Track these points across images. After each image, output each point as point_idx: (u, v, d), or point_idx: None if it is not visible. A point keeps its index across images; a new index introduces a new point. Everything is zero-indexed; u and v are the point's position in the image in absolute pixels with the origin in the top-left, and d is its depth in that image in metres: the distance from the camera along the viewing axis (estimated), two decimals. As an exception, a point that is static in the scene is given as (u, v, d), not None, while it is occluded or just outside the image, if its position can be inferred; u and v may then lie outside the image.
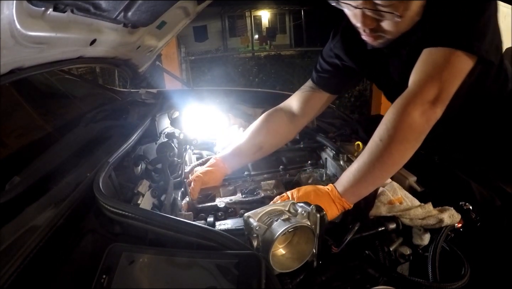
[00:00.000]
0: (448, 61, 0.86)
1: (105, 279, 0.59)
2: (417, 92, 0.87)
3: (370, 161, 0.88)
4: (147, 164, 1.12)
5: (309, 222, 0.74)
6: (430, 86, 0.86)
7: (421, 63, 0.91)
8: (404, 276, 0.78)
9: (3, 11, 0.69)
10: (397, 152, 0.86)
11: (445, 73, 0.86)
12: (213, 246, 0.68)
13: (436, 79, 0.86)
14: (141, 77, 1.85)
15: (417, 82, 0.88)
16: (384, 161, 0.86)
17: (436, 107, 0.85)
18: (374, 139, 0.89)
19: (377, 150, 0.87)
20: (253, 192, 1.13)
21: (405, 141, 0.85)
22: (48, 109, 1.59)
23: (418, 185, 1.07)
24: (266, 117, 1.30)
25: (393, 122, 0.86)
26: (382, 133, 0.87)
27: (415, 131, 0.85)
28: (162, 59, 5.01)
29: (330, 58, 1.26)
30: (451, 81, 0.87)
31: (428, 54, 0.90)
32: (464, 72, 0.88)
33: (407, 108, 0.85)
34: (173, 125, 1.41)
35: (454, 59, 0.86)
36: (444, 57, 0.87)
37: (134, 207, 0.82)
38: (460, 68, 0.87)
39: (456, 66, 0.87)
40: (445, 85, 0.86)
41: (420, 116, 0.84)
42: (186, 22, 1.71)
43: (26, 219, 0.81)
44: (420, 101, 0.85)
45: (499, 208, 0.94)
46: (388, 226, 0.85)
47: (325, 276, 0.78)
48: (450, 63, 0.86)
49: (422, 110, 0.84)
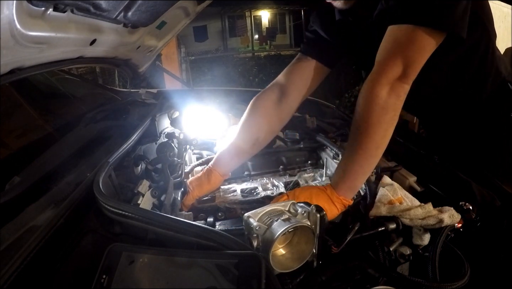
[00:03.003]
0: (410, 39, 0.85)
1: (105, 279, 0.59)
2: (381, 72, 0.86)
3: (354, 151, 0.88)
4: (147, 164, 1.12)
5: (309, 222, 0.74)
6: (394, 64, 0.85)
7: (384, 42, 0.90)
8: (404, 276, 0.78)
9: (3, 11, 0.69)
10: (376, 134, 0.86)
11: (408, 50, 0.85)
12: (213, 246, 0.68)
13: (399, 57, 0.85)
14: (141, 77, 1.85)
15: (381, 62, 0.88)
16: (367, 147, 0.87)
17: (402, 82, 0.85)
18: (352, 129, 0.90)
19: (358, 138, 0.87)
20: (253, 192, 1.13)
21: (382, 122, 0.85)
22: (48, 109, 1.59)
23: (418, 185, 1.07)
24: (253, 104, 1.20)
25: (365, 107, 0.86)
26: (357, 121, 0.88)
27: (388, 110, 0.85)
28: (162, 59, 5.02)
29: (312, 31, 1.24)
30: (416, 57, 0.85)
31: (391, 32, 0.89)
32: (430, 46, 0.86)
33: (374, 89, 0.85)
34: (173, 125, 1.41)
35: (416, 36, 0.84)
36: (406, 35, 0.85)
37: (134, 207, 0.82)
38: (424, 44, 0.85)
39: (420, 42, 0.85)
40: (410, 61, 0.85)
41: (389, 95, 0.84)
42: (186, 22, 1.71)
43: (26, 219, 0.81)
44: (385, 80, 0.85)
45: (499, 208, 0.94)
46: (388, 226, 0.85)
47: (325, 276, 0.78)
48: (412, 40, 0.85)
49: (389, 88, 0.84)
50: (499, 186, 0.99)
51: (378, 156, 0.90)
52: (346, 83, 7.11)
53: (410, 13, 0.85)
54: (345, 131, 1.44)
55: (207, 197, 1.14)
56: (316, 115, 1.60)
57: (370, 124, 0.86)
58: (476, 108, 1.17)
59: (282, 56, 13.13)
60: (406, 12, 0.86)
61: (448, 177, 1.07)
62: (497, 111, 1.16)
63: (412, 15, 0.85)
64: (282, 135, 1.47)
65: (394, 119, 0.87)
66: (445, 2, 0.84)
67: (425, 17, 0.84)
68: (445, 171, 1.09)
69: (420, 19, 0.84)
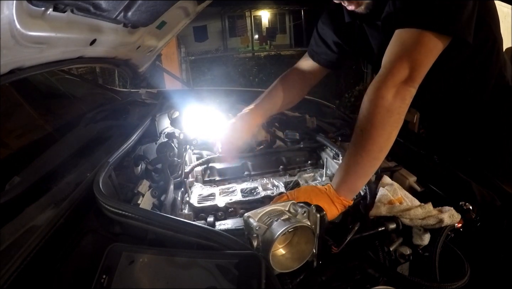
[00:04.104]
0: (417, 42, 0.86)
1: (105, 279, 0.59)
2: (387, 74, 0.86)
3: (357, 153, 0.88)
4: (147, 164, 1.12)
5: (309, 222, 0.74)
6: (400, 67, 0.85)
7: (391, 45, 0.90)
8: (404, 276, 0.78)
9: (3, 11, 0.68)
10: (380, 137, 0.85)
11: (415, 53, 0.86)
12: (213, 246, 0.68)
13: (405, 60, 0.85)
14: (141, 77, 1.85)
15: (388, 64, 0.88)
16: (370, 149, 0.86)
17: (409, 86, 0.85)
18: (356, 130, 0.89)
19: (361, 140, 0.87)
20: (253, 192, 1.13)
21: (386, 125, 0.85)
22: (48, 109, 1.59)
23: (418, 185, 1.07)
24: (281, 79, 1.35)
25: (369, 109, 0.86)
26: (362, 122, 0.88)
27: (393, 113, 0.85)
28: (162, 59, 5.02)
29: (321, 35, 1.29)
30: (422, 60, 0.86)
31: (398, 36, 0.89)
32: (436, 50, 0.87)
33: (380, 92, 0.85)
34: (173, 125, 1.41)
35: (423, 39, 0.85)
36: (413, 38, 0.86)
37: (134, 207, 0.82)
38: (431, 48, 0.86)
39: (426, 46, 0.86)
40: (416, 64, 0.85)
41: (394, 98, 0.84)
42: (186, 22, 1.71)
43: (26, 219, 0.81)
44: (391, 83, 0.85)
45: (499, 208, 0.94)
46: (388, 226, 0.85)
47: (325, 276, 0.78)
48: (419, 44, 0.86)
49: (395, 91, 0.84)
50: (499, 186, 0.99)
51: (381, 158, 0.89)
52: (346, 83, 7.11)
53: (417, 17, 0.86)
54: (345, 131, 1.44)
55: (208, 196, 1.13)
56: (316, 115, 1.61)
57: (375, 126, 0.85)
58: (477, 108, 1.17)
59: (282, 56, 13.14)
60: (413, 16, 0.87)
61: (448, 177, 1.07)
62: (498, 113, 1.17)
63: (419, 19, 0.86)
64: (282, 135, 1.48)
65: (399, 122, 0.87)
66: (452, 6, 0.85)
67: (432, 21, 0.84)
68: (445, 171, 1.09)
69: (427, 23, 0.85)
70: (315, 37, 1.31)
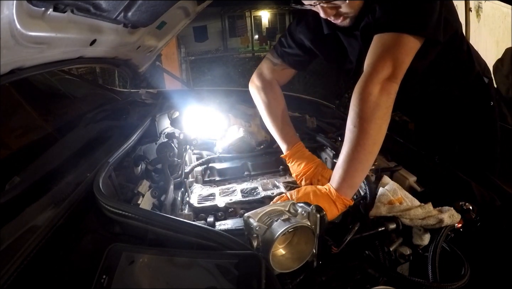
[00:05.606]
0: (397, 43, 0.95)
1: (105, 279, 0.59)
2: (372, 72, 0.94)
3: (352, 148, 0.92)
4: (147, 164, 1.12)
5: (309, 222, 0.74)
6: (384, 65, 0.93)
7: (373, 48, 0.99)
8: (404, 276, 0.78)
9: (3, 11, 0.69)
10: (372, 130, 0.90)
11: (396, 53, 0.95)
12: (213, 246, 0.68)
13: (388, 59, 0.94)
14: (141, 77, 1.86)
15: (371, 64, 0.96)
16: (364, 143, 0.91)
17: (392, 82, 0.93)
18: (349, 127, 0.94)
19: (354, 135, 0.92)
20: (253, 192, 1.13)
21: (376, 118, 0.91)
22: (48, 109, 1.59)
23: (418, 185, 1.07)
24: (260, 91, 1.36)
25: (359, 105, 0.92)
26: (353, 118, 0.93)
27: (381, 107, 0.91)
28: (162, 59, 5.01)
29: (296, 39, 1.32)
30: (403, 58, 0.95)
31: (379, 39, 0.99)
32: (413, 50, 0.97)
33: (367, 88, 0.92)
34: (173, 126, 1.41)
35: (402, 40, 0.95)
36: (393, 40, 0.96)
37: (134, 207, 0.82)
38: (409, 47, 0.96)
39: (406, 46, 0.95)
40: (397, 62, 0.94)
41: (381, 93, 0.91)
42: (186, 22, 1.71)
43: (26, 219, 0.81)
44: (377, 80, 0.92)
45: (499, 208, 0.94)
46: (388, 226, 0.85)
47: (325, 276, 0.78)
48: (399, 44, 0.95)
49: (381, 87, 0.91)
50: (499, 186, 0.99)
51: (375, 152, 0.93)
52: (346, 84, 7.10)
53: (396, 22, 0.97)
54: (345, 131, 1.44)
55: (208, 196, 1.13)
56: (316, 115, 1.61)
57: (366, 120, 0.90)
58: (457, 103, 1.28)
59: (282, 56, 13.09)
60: (392, 21, 0.98)
61: (448, 177, 1.07)
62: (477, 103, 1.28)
63: (397, 24, 0.97)
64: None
65: (387, 116, 0.92)
66: (423, 12, 0.98)
67: (409, 25, 0.96)
68: (445, 171, 1.09)
69: (406, 27, 0.96)
70: (287, 39, 1.33)
